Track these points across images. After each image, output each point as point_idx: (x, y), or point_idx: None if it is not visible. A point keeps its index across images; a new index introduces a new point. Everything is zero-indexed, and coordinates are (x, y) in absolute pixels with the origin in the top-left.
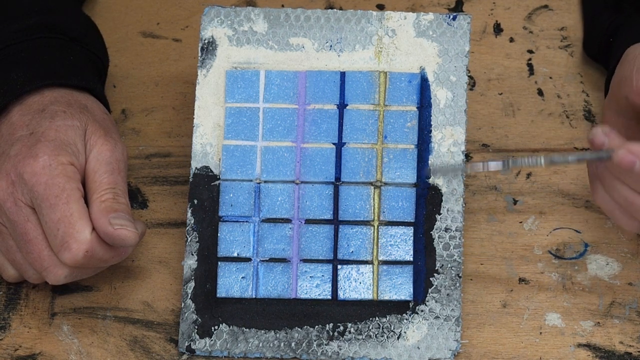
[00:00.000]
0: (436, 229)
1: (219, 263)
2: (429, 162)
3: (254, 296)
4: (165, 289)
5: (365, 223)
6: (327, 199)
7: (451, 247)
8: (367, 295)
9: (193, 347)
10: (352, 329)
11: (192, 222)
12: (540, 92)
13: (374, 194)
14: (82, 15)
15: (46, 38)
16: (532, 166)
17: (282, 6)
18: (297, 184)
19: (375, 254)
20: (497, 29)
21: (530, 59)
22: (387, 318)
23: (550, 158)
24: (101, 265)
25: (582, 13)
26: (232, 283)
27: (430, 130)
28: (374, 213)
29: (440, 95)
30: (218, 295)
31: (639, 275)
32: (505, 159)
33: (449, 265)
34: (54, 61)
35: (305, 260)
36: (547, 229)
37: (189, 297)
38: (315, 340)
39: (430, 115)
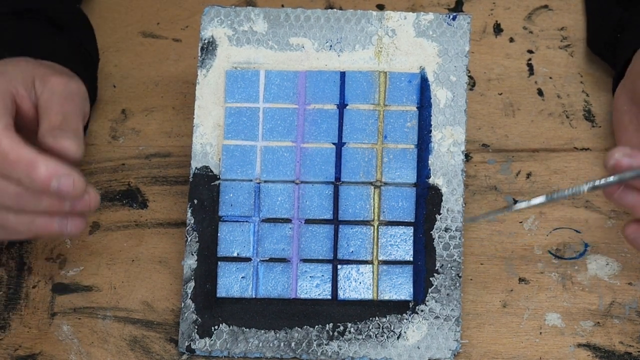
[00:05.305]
0: (436, 229)
1: (219, 263)
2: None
3: (254, 296)
4: (165, 289)
5: (365, 223)
6: (327, 198)
7: (451, 247)
8: (367, 295)
9: (193, 347)
10: (352, 329)
11: (192, 222)
12: (540, 92)
13: (374, 194)
14: (75, 8)
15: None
16: (575, 195)
17: (282, 6)
18: (297, 183)
19: (375, 253)
20: (497, 29)
21: (530, 59)
22: (387, 318)
23: (592, 184)
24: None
25: (586, 8)
26: (232, 283)
27: (430, 130)
28: (374, 213)
29: (440, 95)
30: (218, 295)
31: (639, 275)
32: (548, 193)
33: (449, 265)
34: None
35: (305, 260)
36: (547, 229)
37: (189, 297)
38: (315, 340)
39: (430, 115)
